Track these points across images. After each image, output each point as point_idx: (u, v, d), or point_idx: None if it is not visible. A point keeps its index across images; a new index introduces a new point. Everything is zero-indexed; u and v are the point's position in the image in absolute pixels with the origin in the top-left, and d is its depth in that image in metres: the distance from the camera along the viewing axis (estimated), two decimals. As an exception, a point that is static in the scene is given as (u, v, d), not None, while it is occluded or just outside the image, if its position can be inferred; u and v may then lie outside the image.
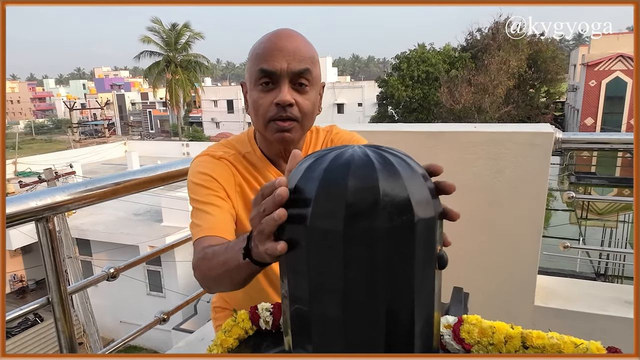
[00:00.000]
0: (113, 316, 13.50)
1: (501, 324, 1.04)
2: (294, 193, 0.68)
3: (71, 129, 39.74)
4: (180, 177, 1.61)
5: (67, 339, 1.26)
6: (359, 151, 0.68)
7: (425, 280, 0.69)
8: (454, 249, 2.08)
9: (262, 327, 1.13)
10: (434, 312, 0.72)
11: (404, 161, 0.68)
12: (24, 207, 1.13)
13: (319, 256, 0.66)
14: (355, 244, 0.64)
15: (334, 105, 39.42)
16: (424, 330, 0.71)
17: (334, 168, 0.66)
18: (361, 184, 0.64)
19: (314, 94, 1.22)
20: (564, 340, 0.99)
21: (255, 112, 1.20)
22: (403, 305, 0.68)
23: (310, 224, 0.65)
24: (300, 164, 0.72)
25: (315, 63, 1.21)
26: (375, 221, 0.63)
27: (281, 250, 0.68)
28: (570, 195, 2.11)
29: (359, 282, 0.65)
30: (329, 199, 0.64)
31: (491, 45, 25.91)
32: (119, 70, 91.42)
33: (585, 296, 2.03)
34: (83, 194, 1.28)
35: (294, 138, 1.22)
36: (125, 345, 1.50)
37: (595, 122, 23.99)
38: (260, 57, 1.16)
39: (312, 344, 0.71)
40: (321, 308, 0.69)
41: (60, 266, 1.23)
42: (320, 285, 0.68)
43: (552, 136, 1.88)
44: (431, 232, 0.68)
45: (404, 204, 0.64)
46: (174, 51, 39.19)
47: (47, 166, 13.12)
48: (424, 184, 0.69)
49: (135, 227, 13.90)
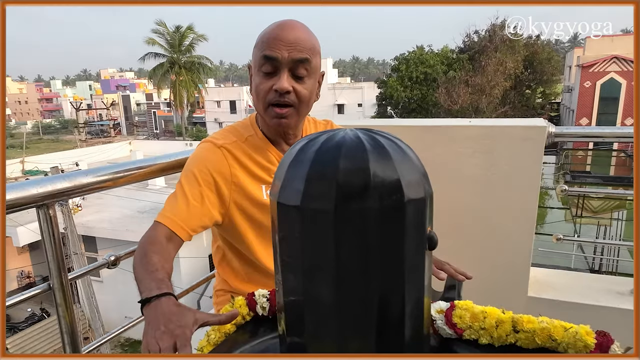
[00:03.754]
0: (118, 311, 13.51)
1: (492, 309, 1.05)
2: (287, 173, 0.70)
3: (78, 129, 39.90)
4: (179, 169, 1.63)
5: (68, 325, 1.27)
6: (351, 134, 0.70)
7: (416, 260, 0.70)
8: (449, 240, 2.10)
9: (259, 313, 1.14)
10: (424, 291, 0.73)
11: (395, 144, 0.70)
12: (25, 194, 1.15)
13: (311, 236, 0.68)
14: (346, 224, 0.65)
15: (335, 106, 39.47)
16: (414, 309, 0.72)
17: (326, 150, 0.68)
18: (352, 166, 0.65)
19: (311, 82, 1.29)
20: (554, 325, 1.00)
21: (256, 95, 1.29)
22: (394, 284, 0.69)
23: (302, 204, 0.66)
24: (294, 146, 0.74)
25: (315, 54, 1.27)
26: (366, 202, 0.64)
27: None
28: (563, 188, 2.14)
29: (350, 262, 0.67)
30: (320, 180, 0.66)
31: (488, 47, 25.98)
32: (124, 72, 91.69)
33: (577, 287, 2.05)
34: (83, 181, 1.31)
35: (290, 123, 1.31)
36: (130, 340, 1.52)
37: (590, 122, 24.09)
38: (264, 44, 1.23)
39: (304, 326, 0.73)
40: (314, 288, 0.70)
41: (61, 252, 1.24)
42: (313, 267, 0.69)
43: (544, 130, 1.91)
44: (421, 213, 0.69)
45: (394, 185, 0.65)
46: (178, 53, 39.59)
47: (53, 165, 13.12)
48: (415, 166, 0.70)
49: (140, 224, 13.96)
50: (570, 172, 18.34)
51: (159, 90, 41.24)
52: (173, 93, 38.93)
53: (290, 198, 0.67)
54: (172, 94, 39.08)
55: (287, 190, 0.69)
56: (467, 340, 1.04)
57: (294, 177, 0.68)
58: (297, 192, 0.67)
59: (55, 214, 1.21)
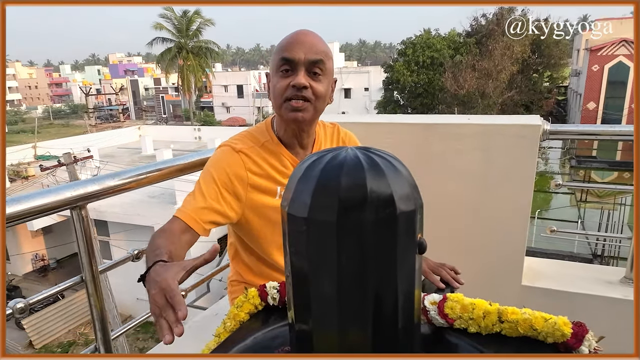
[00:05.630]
0: (130, 294, 13.78)
1: (481, 301, 1.16)
2: (297, 186, 0.81)
3: (87, 114, 40.02)
4: (197, 168, 1.75)
5: (99, 312, 1.41)
6: (351, 153, 0.80)
7: (407, 263, 0.81)
8: (446, 232, 2.23)
9: (270, 303, 1.26)
10: (414, 290, 0.84)
11: (389, 162, 0.80)
12: (60, 197, 1.27)
13: (316, 243, 0.78)
14: (347, 233, 0.76)
15: (341, 90, 39.30)
16: (406, 305, 0.83)
17: (330, 168, 0.78)
18: (352, 182, 0.76)
19: (326, 83, 1.39)
20: (535, 316, 1.10)
21: (274, 94, 1.38)
22: (388, 284, 0.80)
23: (309, 216, 0.77)
24: (303, 162, 0.84)
25: (329, 58, 1.38)
26: (364, 214, 0.75)
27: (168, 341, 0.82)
28: (557, 183, 2.22)
29: (350, 265, 0.78)
30: (324, 194, 0.77)
31: (495, 30, 25.73)
32: (132, 57, 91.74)
33: (569, 276, 2.14)
34: (110, 184, 1.43)
35: (306, 118, 1.38)
36: (143, 321, 1.65)
37: (597, 106, 23.90)
38: (282, 48, 1.34)
39: (311, 316, 0.84)
40: (319, 286, 0.81)
41: (92, 248, 1.38)
42: (318, 268, 0.80)
43: (539, 128, 2.00)
44: (412, 223, 0.79)
45: (388, 199, 0.76)
46: (186, 37, 39.71)
47: (65, 150, 13.24)
48: (406, 181, 0.80)
49: (150, 209, 14.18)
50: (576, 157, 18.30)
51: (167, 75, 41.32)
52: (181, 78, 39.14)
53: (299, 210, 0.78)
54: (180, 78, 39.29)
55: (296, 202, 0.79)
56: (457, 329, 1.15)
57: (302, 191, 0.79)
58: (304, 205, 0.77)
59: (87, 214, 1.34)
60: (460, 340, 1.13)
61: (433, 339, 1.16)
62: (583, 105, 24.63)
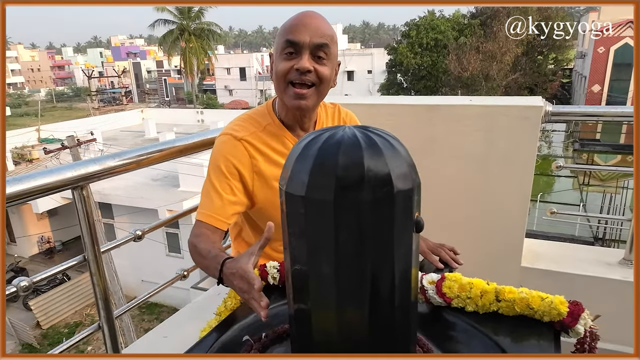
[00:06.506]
0: (135, 276, 13.97)
1: (478, 281, 1.17)
2: (294, 166, 0.81)
3: (90, 97, 39.99)
4: (197, 149, 1.76)
5: (102, 291, 1.43)
6: (349, 132, 0.80)
7: (404, 241, 0.81)
8: (447, 213, 2.23)
9: (270, 283, 1.28)
10: (411, 268, 0.84)
11: (387, 141, 0.80)
12: (62, 177, 1.29)
13: (314, 221, 0.79)
14: (344, 211, 0.76)
15: (344, 73, 39.06)
16: (403, 283, 0.83)
17: (327, 147, 0.78)
18: (349, 161, 0.76)
19: (330, 67, 1.37)
20: (532, 295, 1.12)
21: (277, 76, 1.36)
22: (385, 263, 0.80)
23: (307, 194, 0.77)
24: (301, 141, 0.84)
25: (333, 42, 1.37)
26: (361, 193, 0.75)
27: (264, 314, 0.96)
28: (558, 165, 2.22)
29: (347, 243, 0.78)
30: (322, 173, 0.77)
31: (500, 11, 25.51)
32: (134, 39, 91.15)
33: (569, 258, 2.15)
34: (111, 164, 1.45)
35: (309, 105, 1.38)
36: (147, 302, 1.68)
37: (602, 89, 23.71)
38: (287, 30, 1.32)
39: (309, 295, 0.85)
40: (317, 265, 0.82)
41: (94, 228, 1.39)
42: (316, 246, 0.81)
43: (541, 109, 1.99)
44: (409, 202, 0.79)
45: (385, 178, 0.75)
46: (188, 19, 39.49)
47: (69, 133, 13.26)
48: (403, 160, 0.79)
49: (153, 192, 14.24)
50: (580, 140, 18.22)
51: (169, 58, 41.19)
52: (183, 60, 38.99)
53: (297, 189, 0.78)
54: (182, 61, 39.10)
55: (294, 181, 0.79)
56: (455, 308, 1.17)
57: (299, 170, 0.79)
58: (302, 184, 0.77)
59: (88, 194, 1.35)
60: (457, 318, 1.14)
61: (431, 318, 1.17)
62: (588, 87, 24.41)
